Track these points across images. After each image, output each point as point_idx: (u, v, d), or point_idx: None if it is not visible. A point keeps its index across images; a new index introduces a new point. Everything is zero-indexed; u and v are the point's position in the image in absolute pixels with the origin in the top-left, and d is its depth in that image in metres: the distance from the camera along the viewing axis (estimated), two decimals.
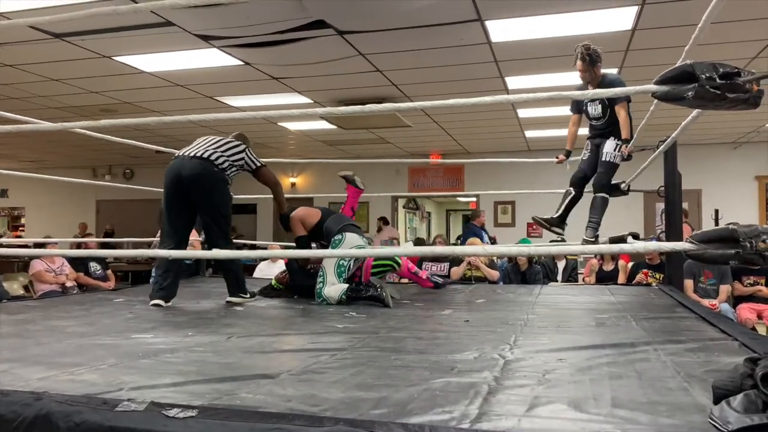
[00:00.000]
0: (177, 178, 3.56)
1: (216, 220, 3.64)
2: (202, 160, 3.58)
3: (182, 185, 3.56)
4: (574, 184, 4.29)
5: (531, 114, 8.25)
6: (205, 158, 3.58)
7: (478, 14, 4.76)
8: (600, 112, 4.15)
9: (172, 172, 3.59)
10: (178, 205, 3.62)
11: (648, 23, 4.90)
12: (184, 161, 3.60)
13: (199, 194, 3.58)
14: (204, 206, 3.63)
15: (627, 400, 1.47)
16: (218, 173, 3.60)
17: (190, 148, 3.71)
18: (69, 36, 5.29)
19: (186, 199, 3.61)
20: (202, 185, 3.56)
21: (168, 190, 3.61)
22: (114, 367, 1.84)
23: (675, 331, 2.60)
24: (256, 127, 9.06)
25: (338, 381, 1.66)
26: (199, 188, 3.56)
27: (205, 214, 3.65)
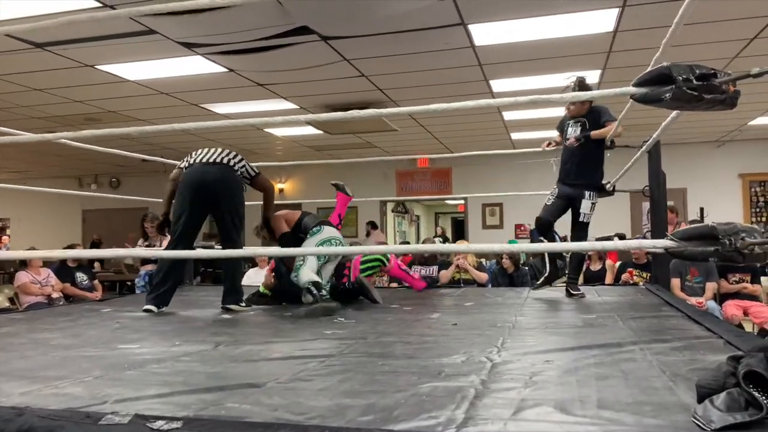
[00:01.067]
0: (201, 183, 3.67)
1: (236, 224, 3.76)
2: (223, 165, 3.73)
3: (207, 190, 3.67)
4: (543, 233, 4.13)
5: (516, 116, 8.29)
6: (225, 164, 3.74)
7: (462, 18, 4.78)
8: (579, 132, 4.02)
9: (195, 177, 3.69)
10: (197, 211, 3.74)
11: (629, 25, 4.94)
12: (205, 167, 3.72)
13: (224, 197, 3.71)
14: (228, 209, 3.74)
15: (613, 400, 1.48)
16: (237, 178, 3.78)
17: (200, 155, 3.79)
18: (50, 45, 5.25)
19: (207, 204, 3.73)
20: (228, 189, 3.72)
21: (190, 196, 3.69)
22: (99, 380, 1.82)
23: (661, 330, 2.62)
24: (243, 133, 9.04)
25: (325, 388, 1.66)
26: (223, 192, 3.70)
27: (227, 216, 3.74)
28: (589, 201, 4.02)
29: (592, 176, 4.06)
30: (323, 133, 8.90)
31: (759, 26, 5.07)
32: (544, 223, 4.07)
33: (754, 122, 8.78)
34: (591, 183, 4.04)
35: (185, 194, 3.69)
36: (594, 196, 4.04)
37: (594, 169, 4.06)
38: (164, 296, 3.68)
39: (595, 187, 4.05)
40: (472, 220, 11.73)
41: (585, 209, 4.02)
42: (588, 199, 4.01)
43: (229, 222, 3.74)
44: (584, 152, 4.01)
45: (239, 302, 3.76)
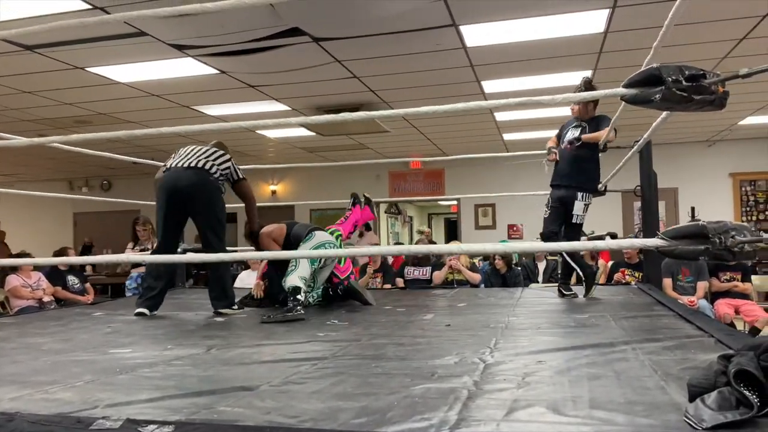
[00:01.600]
0: (174, 190, 3.60)
1: (214, 228, 3.69)
2: (198, 170, 3.61)
3: (179, 196, 3.60)
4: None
5: (508, 117, 8.31)
6: (201, 168, 3.62)
7: (453, 19, 4.79)
8: (577, 135, 4.07)
9: (168, 184, 3.62)
10: (174, 218, 3.69)
11: (620, 25, 4.97)
12: (179, 172, 3.62)
13: (196, 204, 3.63)
14: (202, 215, 3.68)
15: (605, 400, 1.48)
16: (214, 182, 3.66)
17: (179, 158, 3.71)
18: (40, 48, 5.22)
19: (182, 210, 3.67)
20: (200, 195, 3.61)
21: (164, 203, 3.64)
22: (90, 384, 1.81)
23: (653, 330, 2.64)
24: (235, 135, 9.01)
25: (318, 391, 1.65)
26: (197, 198, 3.61)
27: (202, 223, 3.69)
28: (582, 202, 4.04)
29: (585, 178, 4.08)
30: (316, 134, 8.89)
31: (748, 26, 5.10)
32: (549, 236, 4.09)
33: (744, 122, 8.84)
34: (583, 185, 4.06)
35: (160, 199, 3.66)
36: (587, 197, 4.06)
37: (587, 171, 4.08)
38: (155, 299, 3.67)
39: (587, 188, 4.07)
40: (464, 220, 11.75)
41: (578, 210, 4.04)
42: (581, 201, 4.03)
43: (205, 228, 3.69)
44: (578, 155, 4.04)
45: (231, 306, 3.74)
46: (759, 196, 10.50)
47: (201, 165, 3.63)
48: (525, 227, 11.02)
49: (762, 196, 10.49)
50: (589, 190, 4.08)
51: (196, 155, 3.69)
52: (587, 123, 4.10)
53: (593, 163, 4.10)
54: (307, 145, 10.09)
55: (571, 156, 4.06)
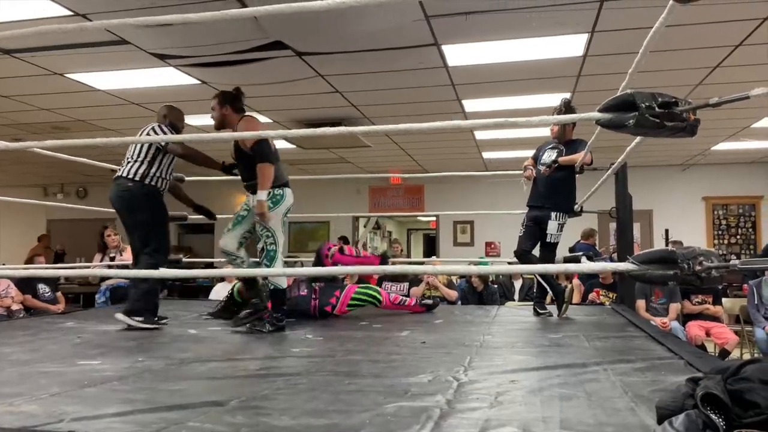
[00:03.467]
0: (111, 202, 3.67)
1: (143, 238, 3.62)
2: (122, 179, 3.60)
3: (114, 207, 3.68)
4: (524, 262, 4.16)
5: (488, 136, 8.40)
6: (124, 177, 3.59)
7: (435, 39, 4.84)
8: (554, 158, 4.13)
9: (110, 195, 3.68)
10: (126, 227, 3.72)
11: (598, 50, 5.07)
12: (113, 183, 3.67)
13: (124, 214, 3.64)
14: (129, 225, 3.66)
15: (576, 421, 1.49)
16: (136, 188, 3.56)
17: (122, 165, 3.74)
18: (19, 52, 5.15)
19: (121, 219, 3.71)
20: (124, 206, 3.62)
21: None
22: (56, 397, 1.77)
23: (625, 351, 2.66)
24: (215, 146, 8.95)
25: (290, 407, 1.64)
26: (122, 209, 3.63)
27: (133, 232, 3.66)
28: (556, 222, 4.10)
29: (560, 199, 4.14)
30: (296, 147, 8.88)
31: (722, 55, 5.24)
32: (522, 254, 4.15)
33: (718, 147, 9.04)
34: (558, 205, 4.12)
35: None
36: (561, 216, 4.12)
37: (563, 192, 4.15)
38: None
39: (562, 208, 4.13)
40: (443, 236, 11.79)
41: (552, 230, 4.10)
42: (554, 220, 4.09)
43: (135, 238, 3.65)
44: (554, 177, 4.10)
45: (136, 316, 3.50)
46: (731, 220, 10.71)
47: (125, 173, 3.59)
48: (502, 245, 11.09)
49: (734, 220, 10.71)
50: (564, 209, 4.14)
51: (126, 157, 3.68)
52: (564, 146, 4.18)
53: (569, 184, 4.17)
54: (288, 157, 10.06)
55: (548, 178, 4.12)
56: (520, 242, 4.18)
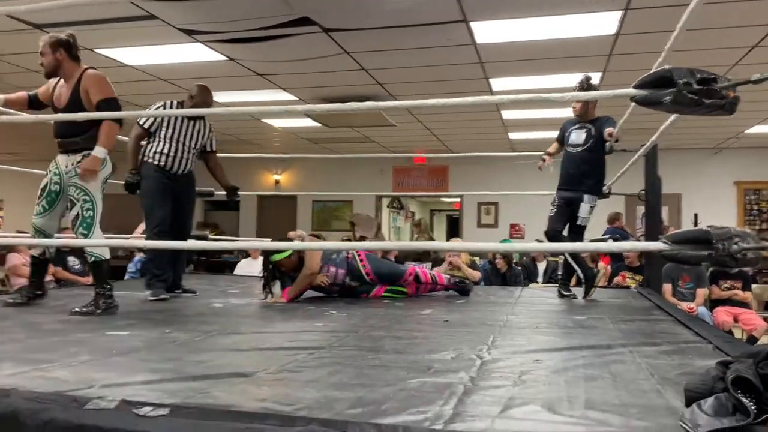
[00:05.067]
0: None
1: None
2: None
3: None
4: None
5: (515, 116, 8.29)
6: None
7: (464, 15, 4.77)
8: (583, 140, 4.04)
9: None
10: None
11: (631, 28, 4.94)
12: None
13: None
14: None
15: (600, 401, 1.48)
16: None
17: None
18: (49, 27, 5.19)
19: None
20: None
21: None
22: (86, 364, 1.81)
23: (651, 334, 2.63)
24: (241, 123, 9.00)
25: (314, 380, 1.65)
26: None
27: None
28: (588, 205, 4.03)
29: (593, 181, 4.06)
30: (321, 125, 8.87)
31: (760, 34, 5.07)
32: (553, 234, 4.09)
33: (751, 130, 8.80)
34: (591, 187, 4.05)
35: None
36: (593, 200, 4.05)
37: (595, 174, 4.07)
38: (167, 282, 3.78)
39: (594, 191, 4.06)
40: (467, 218, 11.73)
41: (583, 212, 4.03)
42: (587, 203, 4.03)
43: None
44: (587, 158, 4.02)
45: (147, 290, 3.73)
46: (762, 206, 10.47)
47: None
48: (527, 227, 11.01)
49: (766, 205, 10.46)
50: (596, 192, 4.07)
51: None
52: (591, 124, 4.07)
53: (601, 166, 4.09)
54: (312, 136, 10.07)
55: (581, 160, 4.04)
56: (551, 222, 4.12)
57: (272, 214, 12.22)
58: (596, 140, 3.99)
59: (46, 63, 3.24)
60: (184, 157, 3.83)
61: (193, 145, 3.87)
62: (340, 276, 3.78)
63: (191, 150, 3.86)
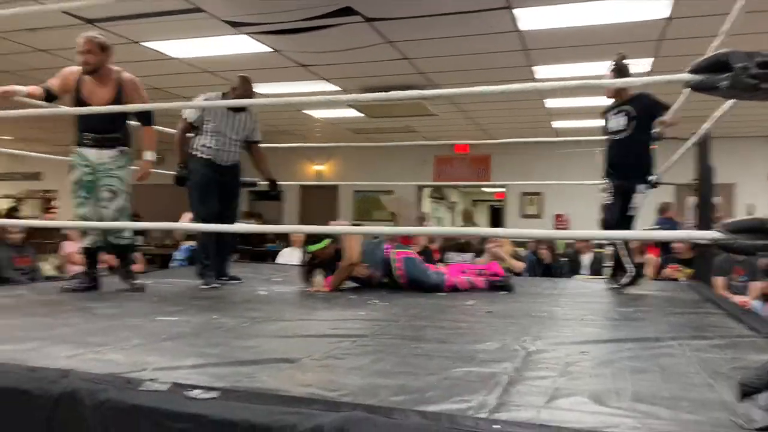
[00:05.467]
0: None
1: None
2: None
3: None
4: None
5: (559, 104, 8.13)
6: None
7: (507, 1, 4.69)
8: (623, 125, 3.77)
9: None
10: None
11: (685, 11, 4.77)
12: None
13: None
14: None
15: (649, 394, 1.45)
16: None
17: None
18: (100, 21, 5.36)
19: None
20: None
21: None
22: (138, 348, 1.87)
23: (701, 327, 2.56)
24: (283, 114, 9.10)
25: (358, 367, 1.67)
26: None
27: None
28: (641, 194, 3.76)
29: (643, 169, 3.81)
30: (363, 115, 8.89)
31: None
32: (612, 225, 3.79)
33: None
34: (644, 176, 3.79)
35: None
36: (646, 188, 3.79)
37: (643, 161, 3.83)
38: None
39: (647, 179, 3.81)
40: (510, 208, 11.60)
41: (637, 202, 3.77)
42: (640, 193, 3.76)
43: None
44: (630, 144, 3.78)
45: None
46: None
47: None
48: (573, 217, 10.81)
49: None
50: (648, 181, 3.82)
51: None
52: (631, 105, 3.77)
53: (646, 150, 3.85)
54: (354, 126, 10.10)
55: (623, 145, 3.81)
56: (608, 211, 3.86)
57: (314, 204, 12.34)
58: (638, 123, 3.72)
59: (94, 61, 3.40)
60: (229, 148, 3.89)
61: (237, 137, 3.92)
62: (377, 276, 3.81)
63: (235, 141, 3.91)
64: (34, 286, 3.98)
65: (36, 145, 12.68)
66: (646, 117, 3.73)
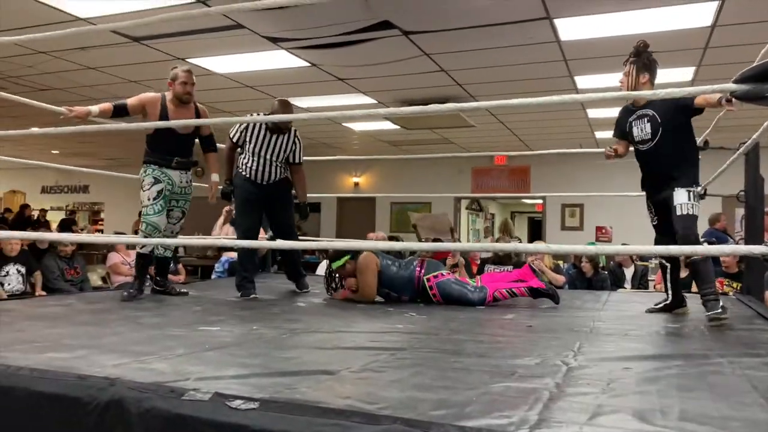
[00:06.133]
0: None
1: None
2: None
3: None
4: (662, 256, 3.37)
5: (601, 114, 8.00)
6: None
7: (547, 12, 4.66)
8: (649, 133, 3.18)
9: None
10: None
11: (729, 19, 4.66)
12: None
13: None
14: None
15: (697, 413, 1.40)
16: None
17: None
18: (146, 39, 5.54)
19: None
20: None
21: None
22: (182, 358, 1.91)
23: (753, 344, 2.47)
24: (321, 127, 9.21)
25: (397, 380, 1.67)
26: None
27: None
28: (685, 191, 3.09)
29: (684, 177, 3.13)
30: (400, 128, 8.92)
31: None
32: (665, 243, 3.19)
33: None
34: (683, 180, 3.13)
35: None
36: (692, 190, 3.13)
37: (684, 167, 3.16)
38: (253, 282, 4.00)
39: (688, 182, 3.13)
40: (550, 220, 11.44)
41: (682, 199, 3.08)
42: (683, 190, 3.10)
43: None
44: (662, 153, 3.17)
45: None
46: None
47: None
48: (615, 230, 10.59)
49: None
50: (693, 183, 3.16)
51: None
52: (650, 108, 3.20)
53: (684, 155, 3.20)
54: (391, 138, 10.15)
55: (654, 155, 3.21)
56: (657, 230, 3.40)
57: (352, 215, 12.42)
58: (665, 126, 3.12)
59: (192, 92, 3.77)
60: (267, 169, 3.97)
61: (276, 159, 3.98)
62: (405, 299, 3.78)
63: (274, 163, 3.98)
64: (83, 296, 4.11)
65: (84, 160, 13.15)
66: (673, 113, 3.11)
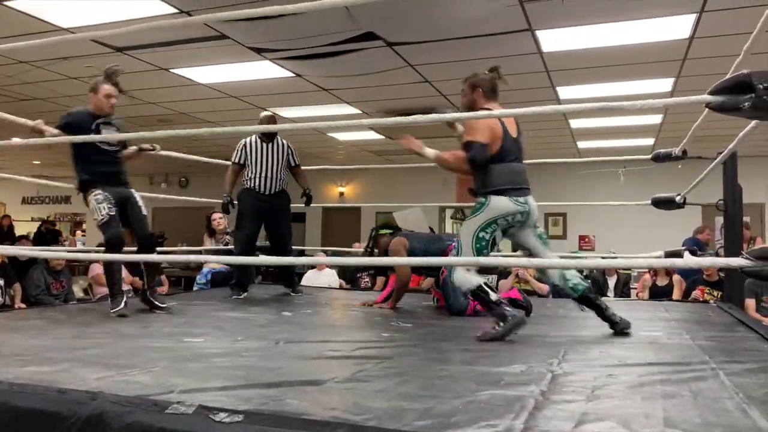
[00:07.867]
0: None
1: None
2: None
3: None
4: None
5: (584, 125, 8.10)
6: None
7: (529, 24, 4.72)
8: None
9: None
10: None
11: (707, 31, 4.75)
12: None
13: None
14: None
15: (680, 420, 1.42)
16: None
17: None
18: (129, 49, 5.51)
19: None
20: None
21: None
22: (165, 370, 1.89)
23: (734, 350, 2.50)
24: (306, 137, 9.20)
25: (383, 390, 1.66)
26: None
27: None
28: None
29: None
30: (384, 137, 8.95)
31: None
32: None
33: None
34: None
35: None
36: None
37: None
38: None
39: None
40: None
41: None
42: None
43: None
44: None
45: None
46: None
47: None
48: (597, 239, 10.68)
49: None
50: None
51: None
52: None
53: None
54: (376, 148, 10.18)
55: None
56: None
57: (336, 225, 12.39)
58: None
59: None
60: (271, 176, 4.39)
61: (276, 166, 4.42)
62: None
63: (276, 169, 4.42)
64: (65, 308, 4.05)
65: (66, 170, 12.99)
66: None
